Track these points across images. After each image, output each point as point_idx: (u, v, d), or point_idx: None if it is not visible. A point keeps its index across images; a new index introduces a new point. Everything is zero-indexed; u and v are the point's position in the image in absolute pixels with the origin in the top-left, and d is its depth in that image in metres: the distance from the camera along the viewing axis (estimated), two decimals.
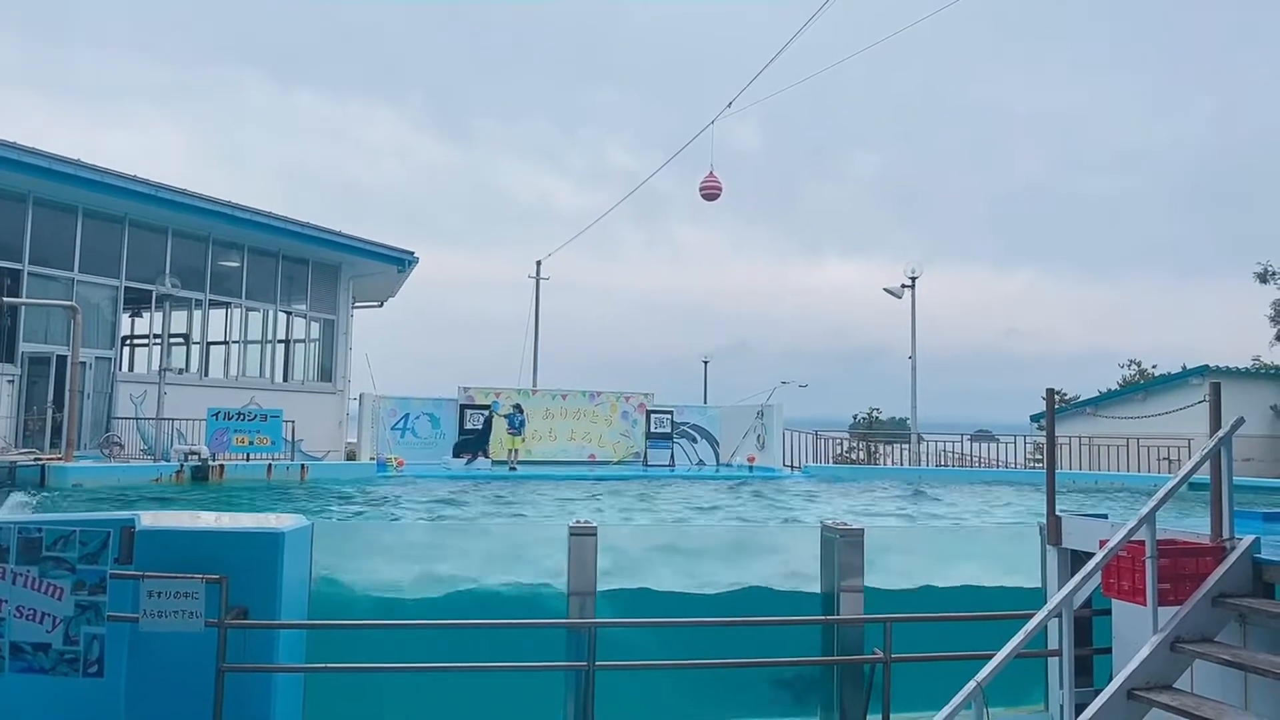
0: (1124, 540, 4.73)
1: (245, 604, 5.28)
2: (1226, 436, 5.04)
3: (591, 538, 6.12)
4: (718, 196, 21.81)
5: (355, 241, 24.92)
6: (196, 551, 5.29)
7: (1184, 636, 4.66)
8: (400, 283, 28.16)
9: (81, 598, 5.15)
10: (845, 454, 27.91)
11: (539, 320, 32.55)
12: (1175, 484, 4.91)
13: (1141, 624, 4.76)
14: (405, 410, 23.33)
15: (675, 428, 24.86)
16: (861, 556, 6.37)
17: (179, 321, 23.02)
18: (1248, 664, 4.45)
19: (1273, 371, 26.70)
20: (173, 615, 4.99)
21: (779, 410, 24.14)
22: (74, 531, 5.22)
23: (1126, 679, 4.54)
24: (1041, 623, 4.66)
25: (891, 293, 26.81)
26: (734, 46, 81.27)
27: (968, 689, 4.33)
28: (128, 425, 19.66)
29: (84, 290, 19.70)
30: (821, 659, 6.41)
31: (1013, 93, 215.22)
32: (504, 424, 22.87)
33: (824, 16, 14.47)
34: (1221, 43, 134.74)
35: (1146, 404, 25.91)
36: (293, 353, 25.50)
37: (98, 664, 5.13)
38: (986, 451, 24.59)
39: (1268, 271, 26.80)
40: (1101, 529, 5.88)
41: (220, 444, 17.71)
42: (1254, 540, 4.94)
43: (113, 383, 20.55)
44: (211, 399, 19.42)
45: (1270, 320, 26.96)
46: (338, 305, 26.34)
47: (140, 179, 19.67)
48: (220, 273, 23.18)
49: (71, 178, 18.37)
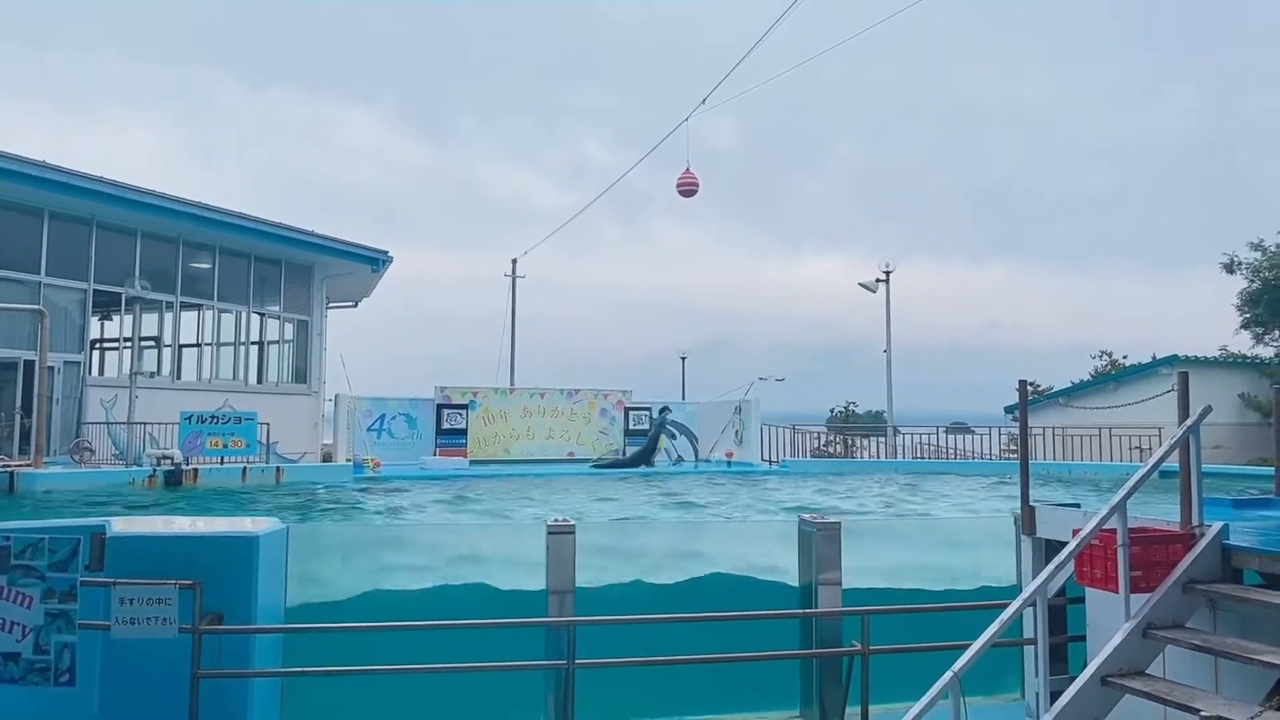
0: (1096, 529, 4.78)
1: (220, 609, 5.23)
2: (1194, 425, 5.11)
3: (570, 536, 6.11)
4: (695, 193, 21.83)
5: (328, 241, 24.72)
6: (169, 557, 5.23)
7: (1156, 623, 4.72)
8: (375, 282, 27.99)
9: (51, 606, 5.07)
10: (823, 448, 28.07)
11: (516, 319, 32.51)
12: (1145, 472, 4.97)
13: (1114, 611, 4.81)
14: (381, 411, 23.19)
15: None
16: (839, 550, 6.41)
17: (150, 324, 22.75)
18: (1217, 649, 4.51)
19: (1240, 361, 27.12)
20: (145, 622, 4.93)
21: (757, 405, 24.22)
22: (43, 539, 5.14)
23: (1100, 666, 4.59)
24: (1016, 612, 4.70)
25: (866, 287, 27.00)
26: (712, 42, 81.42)
27: (945, 679, 4.37)
28: (98, 430, 19.39)
29: (51, 294, 19.41)
30: (800, 652, 6.43)
31: (988, 84, 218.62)
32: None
33: (799, 11, 14.51)
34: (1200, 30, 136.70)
35: (1118, 394, 26.22)
36: (266, 354, 25.28)
37: (69, 673, 5.06)
38: (962, 443, 24.82)
39: (1234, 262, 27.18)
40: (1074, 518, 5.94)
41: (193, 448, 17.51)
42: (1223, 527, 5.01)
43: (82, 387, 20.28)
44: (184, 402, 19.20)
45: (1237, 310, 27.36)
46: (311, 306, 26.14)
47: (108, 180, 19.41)
48: (191, 274, 22.92)
49: (37, 179, 18.10)
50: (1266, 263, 26.53)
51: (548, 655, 5.82)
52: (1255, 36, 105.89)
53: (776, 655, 6.37)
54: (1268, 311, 26.23)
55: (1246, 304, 26.94)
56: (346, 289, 28.46)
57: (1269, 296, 26.13)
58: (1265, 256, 26.70)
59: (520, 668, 5.92)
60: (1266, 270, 26.40)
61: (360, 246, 25.53)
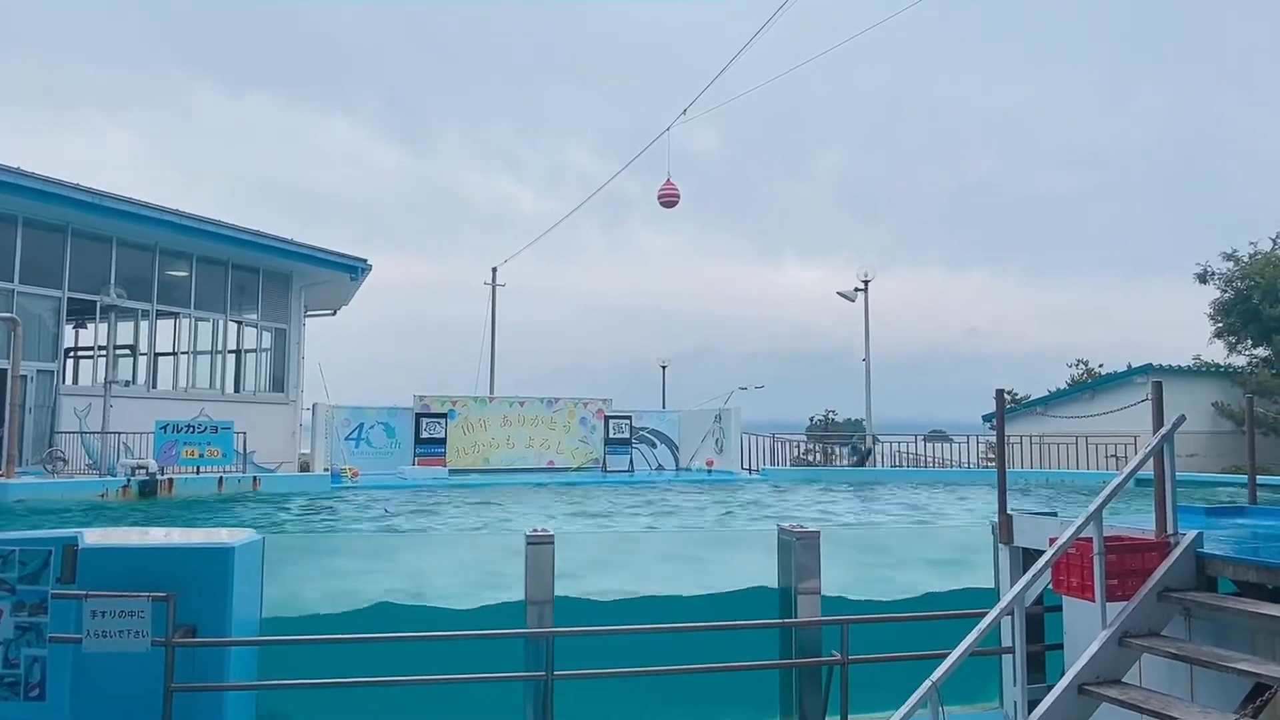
0: (1072, 538, 4.82)
1: (194, 621, 5.17)
2: (1168, 434, 5.16)
3: (549, 546, 6.09)
4: (676, 204, 21.84)
5: (306, 249, 24.54)
6: (143, 569, 5.17)
7: (1132, 631, 4.75)
8: (353, 290, 27.81)
9: (21, 619, 5.00)
10: (802, 456, 28.14)
11: (495, 327, 32.40)
12: (1120, 481, 5.01)
13: (1091, 620, 4.84)
14: (359, 420, 23.05)
15: (634, 433, 24.86)
16: (818, 559, 6.42)
17: (125, 333, 22.46)
18: (1192, 656, 4.55)
19: (1213, 370, 27.43)
20: (118, 635, 4.87)
21: (737, 414, 24.26)
22: (13, 551, 5.06)
23: (1077, 674, 4.62)
24: (994, 621, 4.73)
25: (845, 296, 27.12)
26: (694, 52, 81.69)
27: (923, 688, 4.38)
28: (72, 439, 19.13)
29: (24, 301, 19.15)
30: (780, 662, 6.44)
31: (967, 91, 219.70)
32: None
33: (780, 22, 14.58)
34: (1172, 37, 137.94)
35: (1093, 403, 26.49)
36: (243, 363, 25.03)
37: (39, 687, 4.98)
38: (941, 452, 24.95)
39: (1207, 272, 27.53)
40: (1051, 527, 5.98)
41: (169, 457, 17.32)
42: (1197, 535, 5.06)
43: (56, 396, 20.00)
44: (160, 411, 18.97)
45: (1210, 319, 27.70)
46: (289, 314, 25.93)
47: (83, 187, 19.18)
48: (168, 282, 22.69)
49: (10, 185, 17.86)
50: (1239, 273, 26.88)
51: (526, 666, 5.79)
52: (1231, 43, 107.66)
53: (756, 665, 6.37)
54: (1240, 321, 26.56)
55: (1219, 313, 27.28)
56: (325, 297, 28.26)
57: (1241, 306, 26.47)
58: (1237, 267, 27.05)
59: (499, 679, 5.88)
60: (1239, 280, 26.75)
61: (339, 255, 25.37)
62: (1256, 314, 25.81)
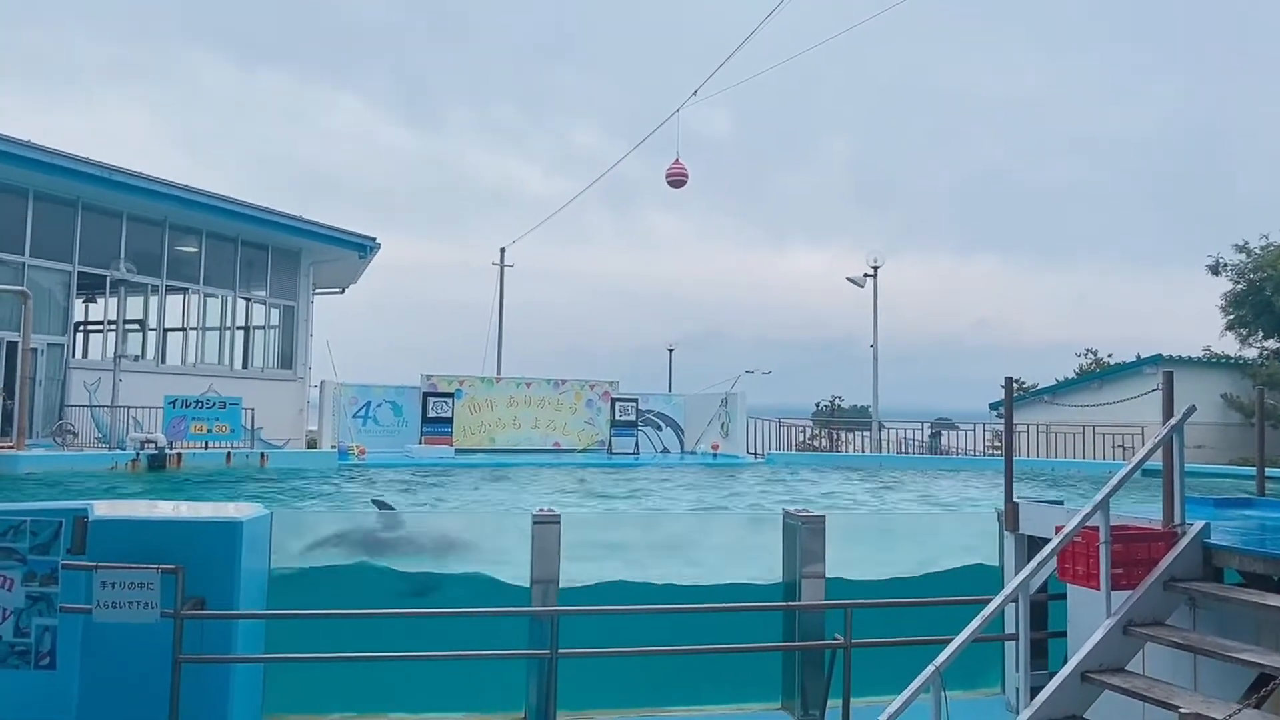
0: (1079, 526, 4.81)
1: (203, 594, 5.21)
2: (1178, 424, 5.14)
3: (555, 526, 6.12)
4: (684, 183, 21.73)
5: (315, 227, 24.56)
6: (152, 541, 5.20)
7: (1136, 620, 4.76)
8: (362, 269, 27.84)
9: (32, 589, 5.04)
10: (808, 441, 28.15)
11: (503, 307, 32.40)
12: (1128, 471, 4.99)
13: (1095, 608, 4.85)
14: (367, 398, 23.10)
15: (640, 416, 24.88)
16: (823, 543, 6.43)
17: (135, 307, 22.54)
18: (1197, 646, 4.55)
19: (1223, 361, 27.29)
20: (127, 606, 4.91)
21: (743, 398, 24.25)
22: (24, 521, 5.10)
23: (1080, 662, 4.63)
24: (999, 607, 4.73)
25: (854, 282, 27.04)
26: (706, 32, 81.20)
27: (926, 673, 4.39)
28: (82, 413, 19.24)
29: (35, 275, 19.22)
30: (782, 645, 6.46)
31: (979, 78, 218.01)
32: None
33: (792, 4, 14.45)
34: (1186, 23, 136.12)
35: (1102, 392, 26.38)
36: (252, 339, 25.11)
37: (50, 656, 5.03)
38: (947, 439, 24.93)
39: (1219, 264, 27.31)
40: (1057, 515, 5.98)
41: (177, 432, 17.42)
42: (1204, 526, 5.05)
43: (66, 369, 20.10)
44: (169, 386, 19.07)
45: (1221, 311, 27.51)
46: (298, 291, 25.98)
47: (93, 161, 19.19)
48: (177, 258, 22.73)
49: (22, 159, 17.88)
50: (1251, 265, 26.68)
51: (530, 644, 5.82)
52: (1250, 33, 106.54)
53: (759, 647, 6.40)
54: (1252, 313, 26.39)
55: (1231, 305, 27.08)
56: (334, 275, 28.30)
57: (1253, 298, 26.27)
58: (1249, 258, 26.84)
59: (503, 656, 5.92)
60: (1251, 272, 26.54)
61: (347, 232, 25.38)
62: (1269, 306, 25.61)
